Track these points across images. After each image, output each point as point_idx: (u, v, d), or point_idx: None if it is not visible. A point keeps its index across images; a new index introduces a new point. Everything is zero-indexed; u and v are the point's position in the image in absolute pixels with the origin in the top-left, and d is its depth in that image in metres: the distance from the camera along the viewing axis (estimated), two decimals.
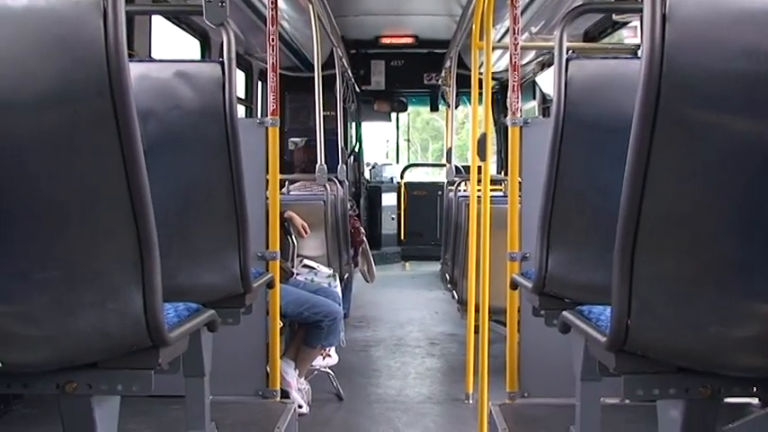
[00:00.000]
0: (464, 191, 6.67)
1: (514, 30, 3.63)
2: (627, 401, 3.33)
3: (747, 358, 1.73)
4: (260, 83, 8.69)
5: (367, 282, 7.31)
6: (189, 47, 6.42)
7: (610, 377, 1.97)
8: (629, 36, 5.78)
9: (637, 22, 5.33)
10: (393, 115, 12.46)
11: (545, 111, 8.54)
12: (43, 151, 1.63)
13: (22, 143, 1.62)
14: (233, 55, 2.69)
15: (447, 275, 7.15)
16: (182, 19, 6.00)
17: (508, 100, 3.74)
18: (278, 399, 3.77)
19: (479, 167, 4.31)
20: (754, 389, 1.88)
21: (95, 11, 1.56)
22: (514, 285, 3.23)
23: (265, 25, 3.68)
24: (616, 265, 1.67)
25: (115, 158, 1.62)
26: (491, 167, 4.34)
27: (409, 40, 10.07)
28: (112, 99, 1.58)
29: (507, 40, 3.90)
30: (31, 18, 1.58)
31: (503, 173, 9.46)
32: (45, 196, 1.66)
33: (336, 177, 6.36)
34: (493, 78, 4.45)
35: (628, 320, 1.70)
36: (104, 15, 1.56)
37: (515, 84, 3.64)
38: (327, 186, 5.84)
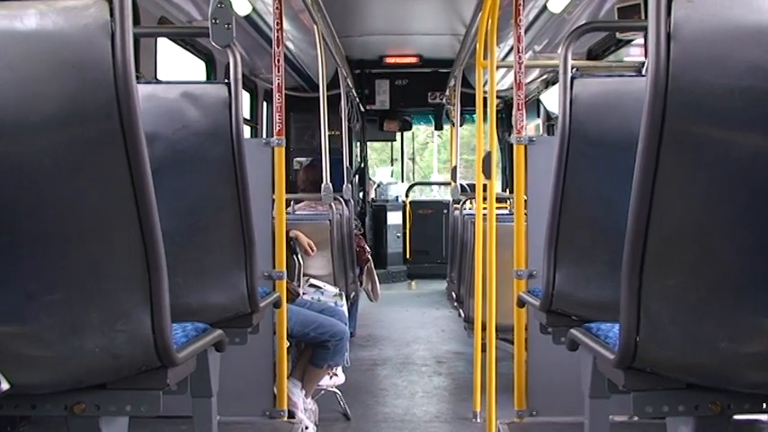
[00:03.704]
0: (469, 209, 6.67)
1: (518, 48, 3.65)
2: (636, 419, 3.32)
3: (757, 374, 1.73)
4: (265, 103, 8.73)
5: (371, 300, 7.30)
6: (192, 67, 6.46)
7: (619, 394, 1.97)
8: (637, 55, 5.80)
9: (641, 40, 5.35)
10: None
11: (549, 128, 8.55)
12: (52, 172, 1.63)
13: (31, 164, 1.63)
14: (239, 76, 2.70)
15: (453, 294, 7.13)
16: (187, 41, 6.04)
17: (513, 118, 3.75)
18: (285, 419, 3.77)
19: (485, 185, 4.31)
20: (764, 405, 1.87)
21: (104, 33, 1.58)
22: (521, 303, 3.23)
23: (270, 46, 3.71)
24: (624, 281, 1.67)
25: (123, 179, 1.62)
26: (496, 185, 4.34)
27: (413, 60, 10.11)
28: (121, 120, 1.59)
29: (511, 58, 3.92)
30: (40, 41, 1.60)
31: (507, 191, 9.46)
32: (53, 217, 1.67)
33: (342, 197, 6.37)
34: (497, 97, 4.45)
35: (636, 337, 1.69)
36: (112, 38, 1.58)
37: (520, 102, 3.65)
38: (333, 206, 5.85)
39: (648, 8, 1.57)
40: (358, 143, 11.29)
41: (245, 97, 8.18)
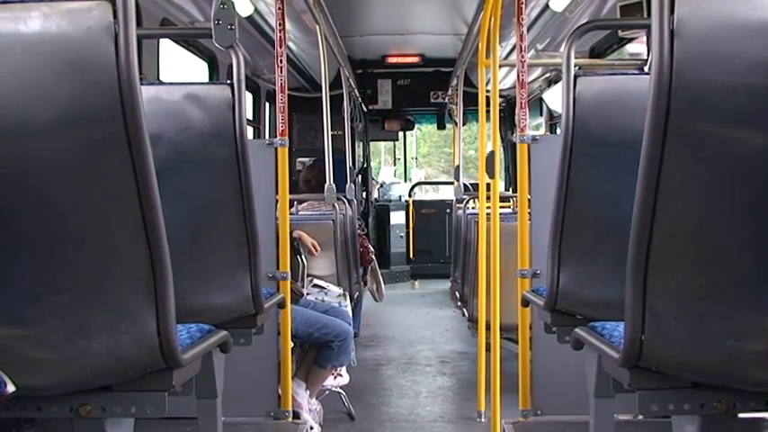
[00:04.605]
0: (473, 208, 6.66)
1: (521, 47, 3.64)
2: (641, 418, 3.32)
3: (762, 372, 1.72)
4: (267, 104, 8.73)
5: (376, 300, 7.30)
6: (194, 67, 6.47)
7: (624, 393, 1.96)
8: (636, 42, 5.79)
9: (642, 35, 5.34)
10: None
11: (551, 127, 8.55)
12: (56, 175, 1.64)
13: (36, 167, 1.63)
14: (242, 76, 2.70)
15: (457, 293, 7.13)
16: (189, 42, 6.04)
17: (516, 117, 3.75)
18: (290, 419, 3.77)
19: (488, 185, 4.31)
20: None
21: (107, 36, 1.58)
22: (526, 302, 3.23)
23: (272, 47, 3.71)
24: (629, 280, 1.67)
25: (128, 181, 1.63)
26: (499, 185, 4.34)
27: (415, 59, 10.10)
28: (125, 122, 1.59)
29: (513, 57, 3.92)
30: (44, 44, 1.60)
31: (510, 190, 9.45)
32: (58, 219, 1.67)
33: (345, 197, 6.37)
34: (499, 96, 4.45)
35: (641, 336, 1.69)
36: (116, 40, 1.58)
37: (523, 101, 3.64)
38: (336, 206, 5.85)
39: (652, 6, 1.57)
40: (360, 143, 11.28)
41: (248, 98, 8.18)
